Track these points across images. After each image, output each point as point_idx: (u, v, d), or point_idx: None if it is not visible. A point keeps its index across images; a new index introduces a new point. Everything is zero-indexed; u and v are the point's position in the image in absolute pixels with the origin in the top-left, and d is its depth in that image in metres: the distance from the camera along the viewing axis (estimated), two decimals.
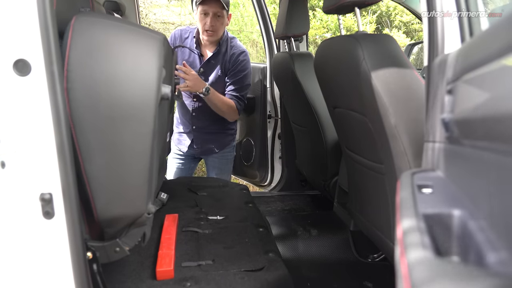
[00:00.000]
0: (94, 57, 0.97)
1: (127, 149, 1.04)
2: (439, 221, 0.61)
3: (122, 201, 1.10)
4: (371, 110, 1.31)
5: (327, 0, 1.47)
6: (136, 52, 1.02)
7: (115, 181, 1.06)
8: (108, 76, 0.98)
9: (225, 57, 2.48)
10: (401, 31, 8.21)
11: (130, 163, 1.06)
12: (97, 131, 1.00)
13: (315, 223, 2.24)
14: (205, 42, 2.45)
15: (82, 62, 0.96)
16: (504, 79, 0.49)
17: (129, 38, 1.03)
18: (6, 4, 0.87)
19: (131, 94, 1.00)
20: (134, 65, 1.01)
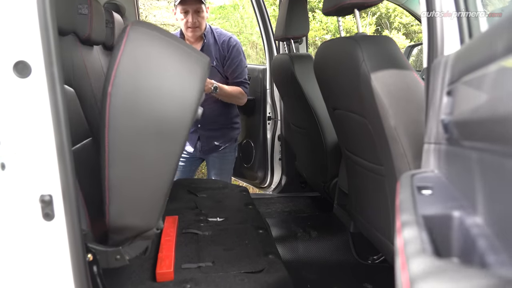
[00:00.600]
0: (142, 68, 0.99)
1: (152, 163, 1.05)
2: (439, 222, 0.61)
3: (136, 212, 1.11)
4: (371, 112, 1.31)
5: (326, 2, 1.48)
6: (182, 72, 1.04)
7: (134, 191, 1.08)
8: (151, 89, 0.99)
9: (216, 46, 2.53)
10: (400, 32, 8.22)
11: (152, 177, 1.07)
12: (128, 140, 1.01)
13: (315, 225, 2.24)
14: (191, 39, 2.49)
15: (129, 71, 0.98)
16: (503, 81, 0.49)
17: (178, 57, 1.05)
18: (6, 6, 0.87)
19: (169, 111, 1.02)
20: (178, 84, 1.03)
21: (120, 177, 1.05)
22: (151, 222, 1.14)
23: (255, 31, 7.32)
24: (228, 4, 7.61)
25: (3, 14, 0.87)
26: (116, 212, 1.08)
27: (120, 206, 1.08)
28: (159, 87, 1.00)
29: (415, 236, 0.55)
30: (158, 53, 1.03)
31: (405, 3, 2.88)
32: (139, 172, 1.05)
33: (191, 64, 1.06)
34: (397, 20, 8.27)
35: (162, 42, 1.04)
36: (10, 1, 0.87)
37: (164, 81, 1.01)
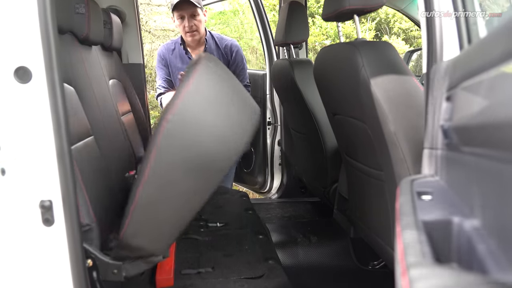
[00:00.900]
0: (204, 105, 1.02)
1: (185, 194, 1.07)
2: (439, 228, 0.61)
3: (151, 237, 1.12)
4: (371, 117, 1.31)
5: (326, 8, 1.48)
6: (237, 118, 1.08)
7: (157, 216, 1.09)
8: (207, 126, 1.02)
9: (218, 51, 2.58)
10: (400, 38, 8.24)
11: (180, 207, 1.09)
12: (171, 167, 1.03)
13: (315, 230, 2.24)
14: (192, 44, 2.52)
15: (192, 104, 1.01)
16: (502, 86, 0.49)
17: (237, 102, 1.09)
18: (7, 12, 0.88)
19: (217, 151, 1.05)
20: (232, 128, 1.06)
21: (150, 200, 1.06)
22: (161, 249, 1.16)
23: (255, 36, 7.34)
24: (228, 10, 7.64)
25: (4, 20, 0.88)
26: (132, 230, 1.09)
27: (139, 226, 1.09)
28: (214, 125, 1.03)
29: (415, 241, 0.55)
30: (222, 94, 1.06)
31: (404, 9, 2.90)
32: (170, 199, 1.07)
33: (247, 113, 1.10)
34: (397, 26, 8.29)
35: (227, 85, 1.09)
36: (12, 7, 0.88)
37: (220, 122, 1.04)
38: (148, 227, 1.11)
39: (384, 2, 1.34)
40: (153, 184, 1.05)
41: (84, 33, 1.57)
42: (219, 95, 1.06)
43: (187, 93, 1.01)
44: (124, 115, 2.10)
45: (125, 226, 1.09)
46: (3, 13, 0.88)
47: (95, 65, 1.76)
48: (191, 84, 1.01)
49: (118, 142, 1.79)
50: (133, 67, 2.60)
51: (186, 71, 1.06)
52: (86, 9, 1.56)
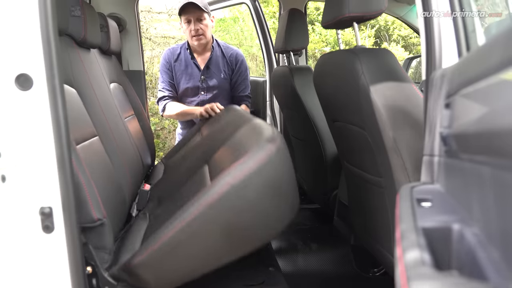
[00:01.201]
0: (262, 186, 1.10)
1: (212, 253, 1.13)
2: (438, 234, 0.61)
3: (162, 275, 1.15)
4: (370, 124, 1.31)
5: (326, 15, 1.49)
6: (283, 207, 1.17)
7: (178, 261, 1.14)
8: (258, 204, 1.11)
9: (224, 59, 2.58)
10: (399, 45, 8.27)
11: (201, 262, 1.14)
12: (212, 224, 1.10)
13: (315, 237, 2.23)
14: (197, 49, 2.52)
15: (252, 181, 1.09)
16: (500, 94, 0.49)
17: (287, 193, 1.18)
18: (9, 20, 0.88)
19: (258, 229, 1.14)
20: (275, 215, 1.15)
21: (177, 245, 1.10)
22: (163, 287, 1.19)
23: (255, 43, 7.36)
24: (229, 17, 7.67)
25: (5, 28, 0.88)
26: (148, 263, 1.12)
27: (155, 263, 1.13)
28: (264, 208, 1.12)
29: (415, 248, 0.55)
30: (281, 183, 1.15)
31: (403, 16, 2.91)
32: (197, 252, 1.12)
33: (291, 205, 1.19)
34: (396, 33, 8.32)
35: (288, 176, 1.18)
36: (13, 14, 0.88)
37: (270, 207, 1.13)
38: (165, 267, 1.14)
39: (383, 9, 1.34)
40: (188, 233, 1.10)
41: (81, 35, 1.59)
42: (278, 184, 1.14)
43: (254, 171, 1.08)
44: (127, 118, 2.11)
45: (141, 256, 1.12)
46: (5, 20, 0.88)
47: (95, 67, 1.77)
48: (261, 163, 1.09)
49: (123, 143, 1.80)
50: (133, 74, 2.62)
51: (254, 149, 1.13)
52: (82, 12, 1.57)
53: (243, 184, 1.08)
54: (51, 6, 0.90)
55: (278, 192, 1.15)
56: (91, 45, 1.74)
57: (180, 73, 2.58)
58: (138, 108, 2.39)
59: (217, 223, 1.10)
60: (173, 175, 1.89)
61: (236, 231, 1.13)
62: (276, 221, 1.16)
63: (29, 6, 0.88)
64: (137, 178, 1.92)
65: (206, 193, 1.11)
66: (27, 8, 0.89)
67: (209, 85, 2.58)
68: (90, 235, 1.12)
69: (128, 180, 1.68)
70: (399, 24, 8.06)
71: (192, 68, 2.57)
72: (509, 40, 0.50)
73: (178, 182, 1.71)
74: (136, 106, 2.36)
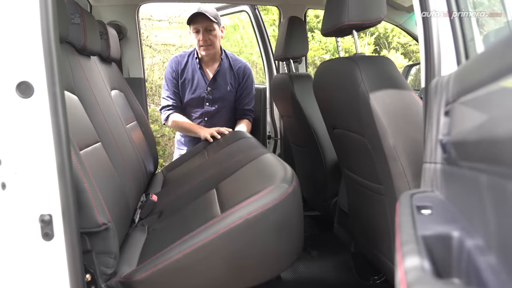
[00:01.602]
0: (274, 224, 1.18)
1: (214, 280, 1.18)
2: (438, 242, 0.61)
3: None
4: (370, 131, 1.32)
5: (325, 23, 1.50)
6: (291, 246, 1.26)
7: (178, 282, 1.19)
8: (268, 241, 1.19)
9: (231, 72, 2.59)
10: (399, 52, 8.29)
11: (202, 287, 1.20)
12: (221, 253, 1.16)
13: (316, 244, 2.22)
14: (205, 59, 2.51)
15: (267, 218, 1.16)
16: (499, 102, 0.50)
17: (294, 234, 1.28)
18: (10, 27, 0.89)
19: (264, 265, 1.20)
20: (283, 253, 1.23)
21: (182, 268, 1.16)
22: None
23: (255, 51, 7.39)
24: (229, 25, 7.71)
25: (7, 35, 0.89)
26: (148, 281, 1.17)
27: (156, 281, 1.17)
28: (271, 246, 1.20)
29: (415, 256, 0.55)
30: (291, 225, 1.23)
31: (403, 24, 2.92)
32: (200, 277, 1.17)
33: (296, 245, 1.28)
34: (395, 40, 8.35)
35: (297, 219, 1.26)
36: (14, 22, 0.89)
37: (279, 246, 1.22)
38: (164, 286, 1.19)
39: (383, 17, 1.35)
40: (195, 259, 1.14)
41: (81, 42, 1.59)
42: (289, 224, 1.21)
43: (269, 208, 1.14)
44: (129, 125, 2.12)
45: (143, 274, 1.16)
46: (6, 28, 0.89)
47: (95, 74, 1.78)
48: (276, 202, 1.16)
49: (125, 150, 1.80)
50: (134, 81, 2.62)
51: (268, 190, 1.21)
52: (81, 19, 1.58)
53: (257, 220, 1.13)
54: (52, 13, 0.90)
55: (287, 232, 1.20)
56: (91, 52, 1.75)
57: (186, 83, 2.56)
58: (139, 114, 2.39)
59: (225, 254, 1.14)
60: (175, 191, 1.88)
61: (242, 264, 1.16)
62: (280, 259, 1.21)
63: (31, 14, 0.89)
64: (140, 184, 1.92)
65: (219, 222, 1.15)
66: (29, 16, 0.89)
67: (214, 96, 2.58)
68: (95, 240, 1.12)
69: (131, 186, 1.68)
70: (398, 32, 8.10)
71: (199, 78, 2.56)
72: (507, 48, 0.50)
73: (181, 200, 1.70)
74: (137, 113, 2.37)
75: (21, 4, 0.89)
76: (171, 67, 2.58)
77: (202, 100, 2.58)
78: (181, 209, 1.58)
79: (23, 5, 0.89)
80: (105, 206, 1.14)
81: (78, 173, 1.06)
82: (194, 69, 2.55)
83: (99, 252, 1.14)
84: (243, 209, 1.16)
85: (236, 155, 1.90)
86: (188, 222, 1.40)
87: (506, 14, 1.41)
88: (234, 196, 1.35)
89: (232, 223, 1.13)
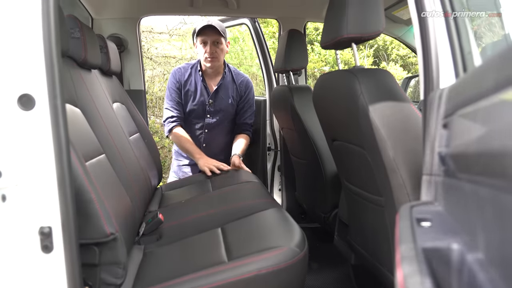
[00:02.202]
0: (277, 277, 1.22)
1: None
2: (438, 255, 0.61)
3: None
4: (369, 143, 1.32)
5: (324, 36, 1.51)
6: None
7: None
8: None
9: (233, 85, 2.62)
10: (398, 64, 8.34)
11: None
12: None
13: (316, 257, 2.21)
14: (209, 71, 2.53)
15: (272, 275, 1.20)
16: (497, 114, 0.50)
17: None
18: (13, 40, 0.90)
19: None
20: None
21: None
22: None
23: (255, 63, 7.43)
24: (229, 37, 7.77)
25: (9, 49, 0.90)
26: None
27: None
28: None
29: (415, 269, 0.55)
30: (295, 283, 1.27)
31: (401, 37, 2.95)
32: None
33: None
34: (395, 52, 8.41)
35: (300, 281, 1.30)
36: (17, 36, 0.90)
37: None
38: None
39: (381, 30, 1.36)
40: None
41: (82, 56, 1.61)
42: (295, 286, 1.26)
43: (280, 269, 1.19)
44: (132, 137, 2.12)
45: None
46: (8, 41, 0.90)
47: (97, 87, 1.79)
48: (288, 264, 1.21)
49: (129, 161, 1.81)
50: (134, 93, 2.63)
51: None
52: (81, 33, 1.59)
53: (266, 278, 1.17)
54: (54, 27, 0.91)
55: None
56: (92, 65, 1.76)
57: (189, 94, 2.58)
58: (142, 127, 2.40)
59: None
60: (178, 215, 1.86)
61: None
62: None
63: (33, 28, 0.90)
64: (145, 196, 1.92)
65: (227, 271, 1.18)
66: (31, 30, 0.90)
67: (216, 109, 2.60)
68: (103, 250, 1.12)
69: (137, 198, 1.67)
70: (397, 44, 8.16)
71: (201, 90, 2.58)
72: (502, 62, 0.51)
73: (184, 229, 1.69)
74: (140, 125, 2.38)
75: (24, 18, 0.90)
76: (175, 78, 2.59)
77: (204, 112, 2.60)
78: (182, 239, 1.57)
79: (26, 19, 0.90)
80: (112, 216, 1.14)
81: (85, 184, 1.06)
82: (197, 81, 2.57)
83: (107, 263, 1.13)
84: (255, 263, 1.19)
85: (245, 199, 1.92)
86: (190, 258, 1.40)
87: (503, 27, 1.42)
88: (243, 245, 1.38)
89: (241, 275, 1.16)
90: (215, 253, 1.36)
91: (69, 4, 2.31)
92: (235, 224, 1.61)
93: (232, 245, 1.40)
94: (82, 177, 1.06)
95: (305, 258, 1.28)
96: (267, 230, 1.52)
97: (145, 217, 1.79)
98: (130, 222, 1.48)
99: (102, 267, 1.13)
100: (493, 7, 1.28)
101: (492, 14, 1.24)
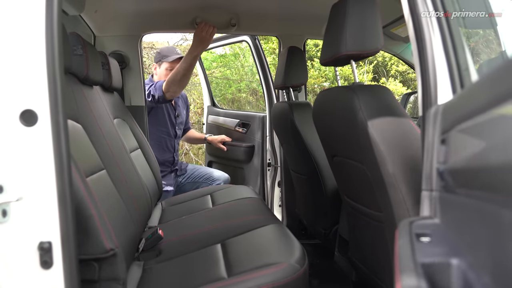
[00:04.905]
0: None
1: None
2: (438, 270, 0.61)
3: None
4: (369, 159, 1.33)
5: (324, 53, 1.53)
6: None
7: None
8: None
9: (182, 99, 3.11)
10: (397, 80, 8.39)
11: None
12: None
13: (316, 273, 2.19)
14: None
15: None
16: (495, 129, 0.51)
17: None
18: (16, 56, 0.91)
19: None
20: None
21: None
22: None
23: (255, 79, 7.48)
24: (229, 53, 7.83)
25: (13, 65, 0.91)
26: None
27: None
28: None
29: (414, 284, 0.55)
30: None
31: (400, 53, 2.98)
32: None
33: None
34: (394, 68, 8.47)
35: None
36: (21, 52, 0.91)
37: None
38: None
39: (380, 48, 1.38)
40: None
41: (84, 73, 1.63)
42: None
43: (279, 286, 1.20)
44: (132, 152, 2.13)
45: None
46: (12, 58, 0.91)
47: (98, 103, 1.81)
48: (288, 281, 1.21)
49: (130, 177, 1.81)
50: (135, 109, 2.65)
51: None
52: (84, 50, 1.62)
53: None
54: (58, 44, 0.93)
55: None
56: (94, 82, 1.78)
57: (167, 112, 2.95)
58: (143, 143, 2.41)
59: None
60: (178, 232, 1.87)
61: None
62: None
63: (37, 45, 0.92)
64: (145, 212, 1.92)
65: (228, 287, 1.19)
66: (35, 46, 0.92)
67: (178, 121, 2.99)
68: (103, 266, 1.11)
69: (137, 213, 1.67)
70: (396, 60, 8.22)
71: (168, 107, 2.92)
72: (501, 76, 0.52)
73: (184, 245, 1.69)
74: (140, 141, 2.39)
75: (27, 35, 0.91)
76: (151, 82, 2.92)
77: (173, 124, 2.96)
78: (182, 256, 1.57)
79: (29, 36, 0.91)
80: (112, 232, 1.14)
81: (85, 199, 1.07)
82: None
83: (106, 279, 1.12)
84: (255, 279, 1.20)
85: (245, 215, 1.93)
86: (189, 274, 1.40)
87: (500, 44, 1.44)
88: (243, 261, 1.37)
89: None
90: (215, 269, 1.35)
91: (72, 21, 2.34)
92: (235, 240, 1.60)
93: (232, 261, 1.40)
94: (83, 192, 1.07)
95: (305, 274, 1.28)
96: (267, 246, 1.52)
97: (145, 233, 1.78)
98: (130, 238, 1.48)
99: (102, 283, 1.12)
100: (489, 26, 1.30)
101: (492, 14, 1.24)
